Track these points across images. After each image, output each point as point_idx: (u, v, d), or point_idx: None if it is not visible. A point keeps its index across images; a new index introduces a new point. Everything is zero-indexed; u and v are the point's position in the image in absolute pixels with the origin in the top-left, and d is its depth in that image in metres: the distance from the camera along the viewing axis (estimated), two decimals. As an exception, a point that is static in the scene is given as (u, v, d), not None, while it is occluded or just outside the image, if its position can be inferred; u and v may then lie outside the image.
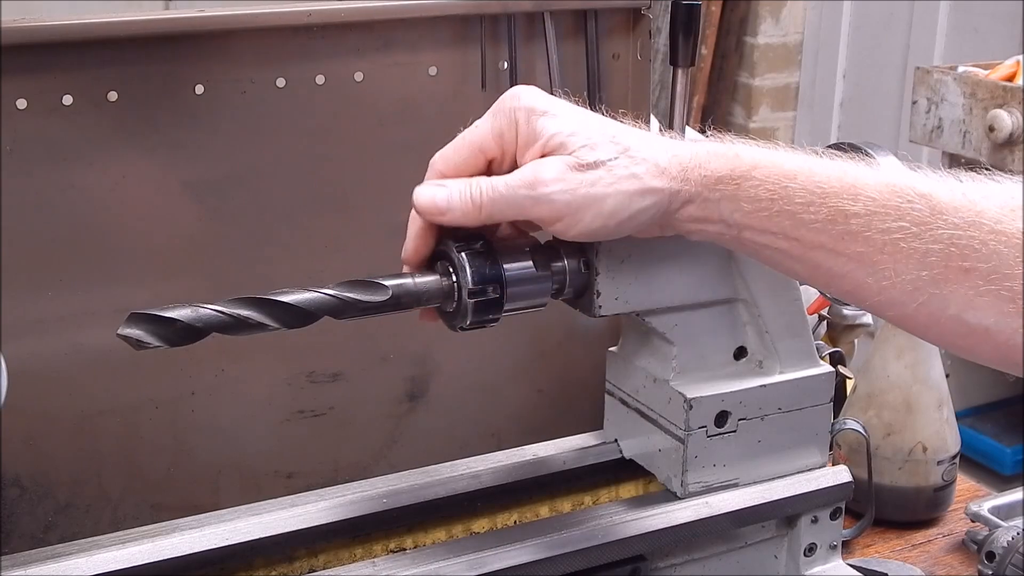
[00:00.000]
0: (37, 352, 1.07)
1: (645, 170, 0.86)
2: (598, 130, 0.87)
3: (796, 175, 0.84)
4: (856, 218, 0.81)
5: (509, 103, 0.89)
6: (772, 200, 0.84)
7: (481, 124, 0.90)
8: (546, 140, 0.86)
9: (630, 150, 0.86)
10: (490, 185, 0.87)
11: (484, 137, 0.90)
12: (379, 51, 1.16)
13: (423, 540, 1.00)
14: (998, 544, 1.22)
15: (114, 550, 0.91)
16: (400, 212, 1.20)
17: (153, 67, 1.07)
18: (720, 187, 0.85)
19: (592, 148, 0.86)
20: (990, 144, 2.85)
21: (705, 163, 0.86)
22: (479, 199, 0.88)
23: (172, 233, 1.12)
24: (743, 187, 0.85)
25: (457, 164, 0.90)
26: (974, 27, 3.70)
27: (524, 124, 0.88)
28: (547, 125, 0.87)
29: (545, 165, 0.86)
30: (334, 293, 0.86)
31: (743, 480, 1.03)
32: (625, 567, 0.99)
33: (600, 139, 0.86)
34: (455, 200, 0.88)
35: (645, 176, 0.86)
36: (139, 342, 0.81)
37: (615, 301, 0.95)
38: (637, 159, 0.86)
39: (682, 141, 0.89)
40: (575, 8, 1.23)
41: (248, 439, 1.19)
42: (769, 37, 4.24)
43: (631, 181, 0.86)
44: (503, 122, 0.89)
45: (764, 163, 0.85)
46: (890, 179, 0.83)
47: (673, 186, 0.86)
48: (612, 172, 0.85)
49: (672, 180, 0.86)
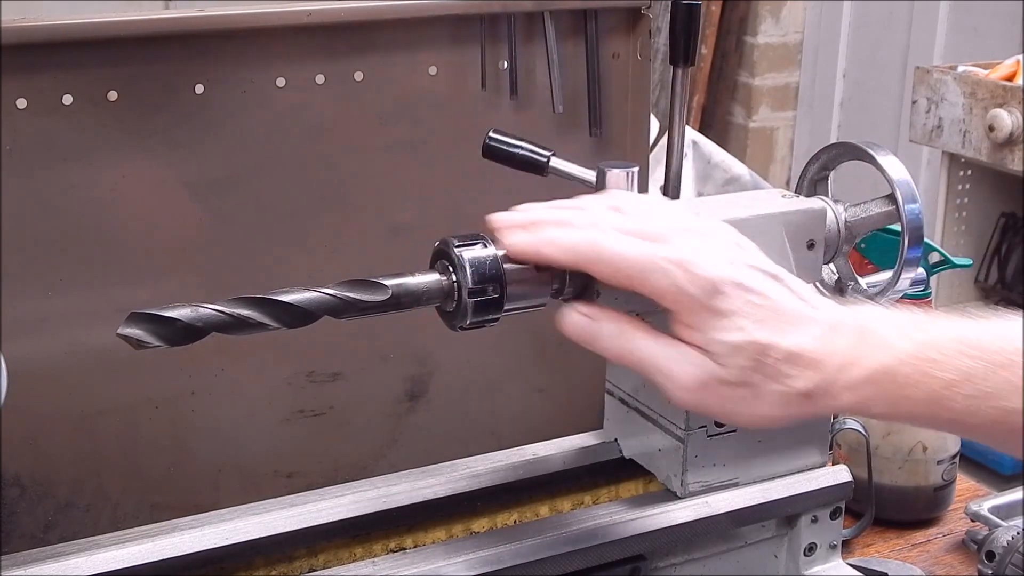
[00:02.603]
0: (37, 352, 1.07)
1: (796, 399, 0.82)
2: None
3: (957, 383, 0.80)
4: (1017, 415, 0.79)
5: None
6: (929, 406, 0.81)
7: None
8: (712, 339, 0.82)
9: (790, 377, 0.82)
10: (636, 339, 0.85)
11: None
12: (379, 51, 1.16)
13: (423, 540, 1.00)
14: (998, 544, 1.22)
15: (114, 550, 0.91)
16: (400, 212, 1.21)
17: (153, 67, 1.07)
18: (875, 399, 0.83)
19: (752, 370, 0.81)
20: (990, 144, 2.85)
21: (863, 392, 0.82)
22: (616, 347, 0.86)
23: (172, 233, 1.12)
24: (901, 405, 0.82)
25: None
26: (974, 27, 3.70)
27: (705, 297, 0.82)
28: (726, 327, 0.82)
29: (705, 364, 0.82)
30: (334, 293, 0.86)
31: (743, 480, 1.03)
32: (625, 567, 0.99)
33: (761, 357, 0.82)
34: (603, 342, 0.86)
35: (791, 404, 0.83)
36: (139, 342, 0.81)
37: (615, 300, 0.94)
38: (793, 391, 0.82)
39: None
40: (575, 8, 1.23)
41: (248, 439, 1.19)
42: (769, 37, 4.24)
43: (774, 408, 0.83)
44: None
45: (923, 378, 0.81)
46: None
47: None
48: (759, 396, 0.82)
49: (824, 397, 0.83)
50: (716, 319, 0.82)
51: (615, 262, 0.83)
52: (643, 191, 1.16)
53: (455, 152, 1.21)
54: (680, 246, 0.83)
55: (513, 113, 1.23)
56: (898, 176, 1.00)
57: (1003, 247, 3.17)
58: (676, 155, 1.23)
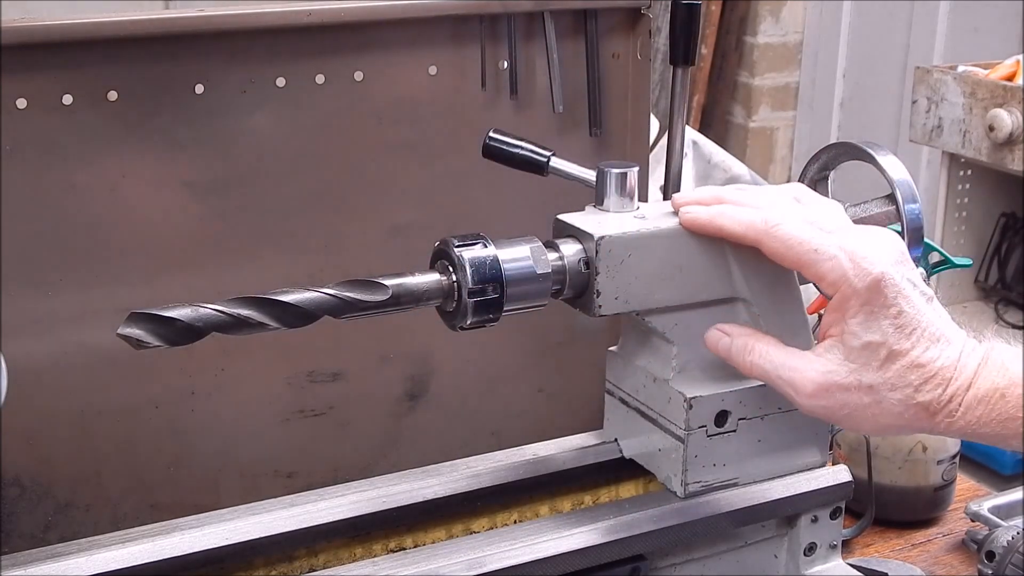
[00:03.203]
0: (37, 352, 1.07)
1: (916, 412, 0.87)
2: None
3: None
4: None
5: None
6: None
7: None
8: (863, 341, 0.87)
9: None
10: (763, 352, 0.91)
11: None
12: (379, 51, 1.16)
13: (423, 540, 1.00)
14: (998, 544, 1.22)
15: (114, 550, 0.91)
16: (400, 212, 1.21)
17: (153, 67, 1.07)
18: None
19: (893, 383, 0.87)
20: (990, 144, 2.85)
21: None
22: (746, 361, 0.92)
23: (172, 233, 1.12)
24: (1009, 426, 0.87)
25: None
26: (974, 27, 3.70)
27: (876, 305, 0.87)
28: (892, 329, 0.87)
29: (825, 370, 0.88)
30: (334, 293, 0.86)
31: (743, 480, 1.03)
32: (625, 567, 0.99)
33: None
34: (732, 356, 0.93)
35: (910, 415, 0.87)
36: (139, 341, 0.81)
37: (615, 301, 0.95)
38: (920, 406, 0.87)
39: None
40: (575, 8, 1.23)
41: (248, 439, 1.19)
42: (769, 36, 4.24)
43: (894, 418, 0.87)
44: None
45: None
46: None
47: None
48: (880, 404, 0.87)
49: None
50: (864, 313, 0.86)
51: (788, 242, 0.89)
52: (643, 191, 1.16)
53: (455, 152, 1.21)
54: (853, 239, 0.88)
55: (513, 113, 1.23)
56: (898, 176, 1.00)
57: (1003, 247, 3.17)
58: (676, 155, 1.23)
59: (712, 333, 0.95)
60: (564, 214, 0.97)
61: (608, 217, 0.96)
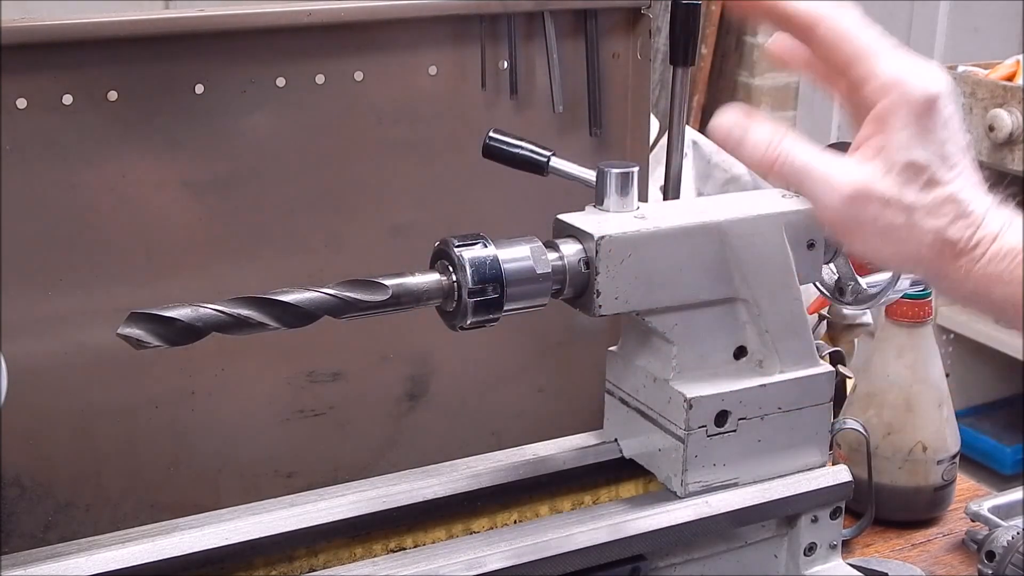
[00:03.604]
0: (37, 352, 1.07)
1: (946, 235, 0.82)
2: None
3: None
4: None
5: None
6: None
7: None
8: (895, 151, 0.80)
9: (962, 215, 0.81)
10: (790, 146, 0.82)
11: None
12: (379, 51, 1.16)
13: (423, 540, 1.00)
14: (998, 544, 1.22)
15: (114, 550, 0.91)
16: (400, 212, 1.21)
17: (153, 67, 1.07)
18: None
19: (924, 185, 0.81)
20: (990, 143, 2.85)
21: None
22: (771, 159, 0.83)
23: (172, 233, 1.12)
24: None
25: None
26: (974, 27, 3.70)
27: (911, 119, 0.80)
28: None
29: (867, 176, 0.81)
30: (334, 293, 0.86)
31: (743, 480, 1.03)
32: (625, 567, 0.99)
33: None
34: (748, 148, 0.83)
35: (935, 249, 0.82)
36: (139, 341, 0.81)
37: (615, 300, 0.95)
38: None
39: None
40: (575, 7, 1.23)
41: (248, 439, 1.19)
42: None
43: (919, 247, 0.82)
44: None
45: None
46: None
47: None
48: (910, 227, 0.81)
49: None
50: (916, 128, 0.80)
51: (848, 32, 0.83)
52: (643, 191, 1.16)
53: (455, 152, 1.21)
54: (915, 58, 0.82)
55: (513, 113, 1.23)
56: (898, 176, 1.00)
57: (1003, 247, 3.17)
58: (676, 155, 1.23)
59: (723, 115, 0.85)
60: (564, 214, 0.97)
61: (608, 217, 0.96)
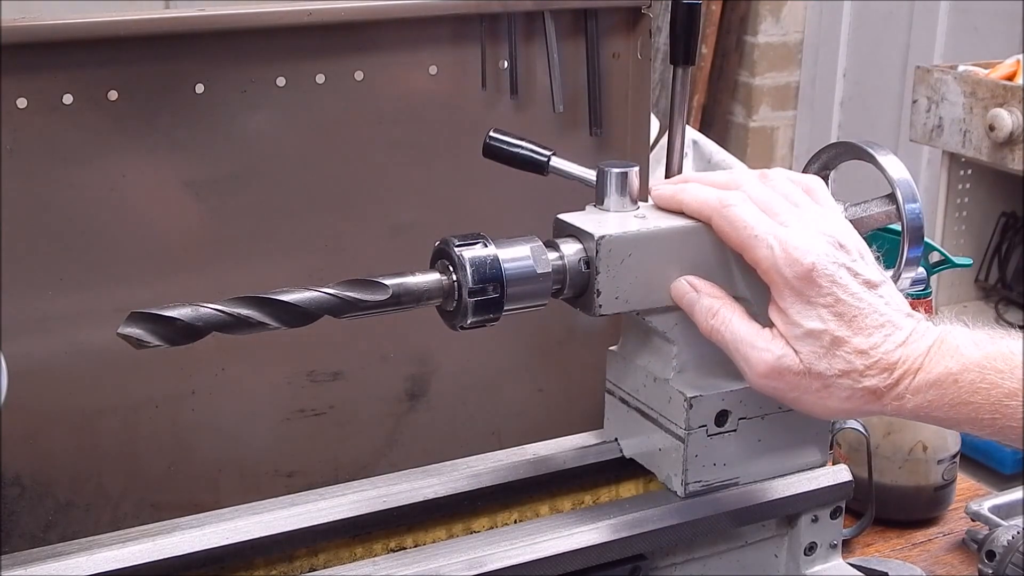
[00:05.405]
0: (37, 352, 1.07)
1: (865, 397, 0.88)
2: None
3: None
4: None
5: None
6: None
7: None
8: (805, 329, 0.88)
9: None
10: (725, 320, 0.91)
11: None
12: (379, 51, 1.16)
13: (423, 539, 1.00)
14: (998, 543, 1.22)
15: (114, 549, 0.91)
16: (400, 212, 1.21)
17: (153, 67, 1.07)
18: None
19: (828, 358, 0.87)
20: (990, 143, 2.85)
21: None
22: (707, 324, 0.92)
23: (172, 233, 1.12)
24: (962, 411, 0.87)
25: None
26: (974, 26, 3.70)
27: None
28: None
29: (780, 353, 0.88)
30: (334, 292, 0.86)
31: (743, 479, 1.03)
32: (625, 566, 0.99)
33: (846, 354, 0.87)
34: (696, 316, 0.93)
35: (859, 400, 0.88)
36: (139, 341, 0.81)
37: (615, 300, 0.95)
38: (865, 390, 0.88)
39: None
40: (575, 7, 1.23)
41: (248, 438, 1.19)
42: (769, 36, 4.24)
43: (843, 402, 0.88)
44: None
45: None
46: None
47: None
48: (828, 388, 0.88)
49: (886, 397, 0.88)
50: (801, 303, 0.87)
51: (735, 223, 0.90)
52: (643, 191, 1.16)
53: (455, 152, 1.21)
54: (791, 227, 0.88)
55: (513, 113, 1.23)
56: (898, 176, 1.00)
57: (1003, 247, 3.17)
58: (676, 155, 1.23)
59: (680, 284, 0.94)
60: (564, 214, 0.97)
61: (608, 217, 0.96)
